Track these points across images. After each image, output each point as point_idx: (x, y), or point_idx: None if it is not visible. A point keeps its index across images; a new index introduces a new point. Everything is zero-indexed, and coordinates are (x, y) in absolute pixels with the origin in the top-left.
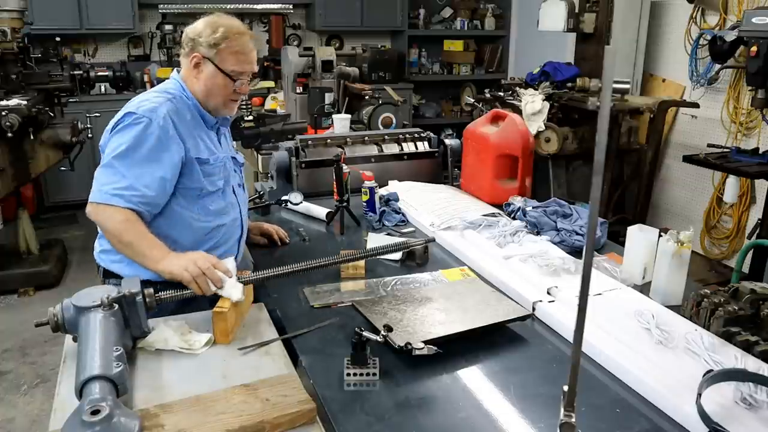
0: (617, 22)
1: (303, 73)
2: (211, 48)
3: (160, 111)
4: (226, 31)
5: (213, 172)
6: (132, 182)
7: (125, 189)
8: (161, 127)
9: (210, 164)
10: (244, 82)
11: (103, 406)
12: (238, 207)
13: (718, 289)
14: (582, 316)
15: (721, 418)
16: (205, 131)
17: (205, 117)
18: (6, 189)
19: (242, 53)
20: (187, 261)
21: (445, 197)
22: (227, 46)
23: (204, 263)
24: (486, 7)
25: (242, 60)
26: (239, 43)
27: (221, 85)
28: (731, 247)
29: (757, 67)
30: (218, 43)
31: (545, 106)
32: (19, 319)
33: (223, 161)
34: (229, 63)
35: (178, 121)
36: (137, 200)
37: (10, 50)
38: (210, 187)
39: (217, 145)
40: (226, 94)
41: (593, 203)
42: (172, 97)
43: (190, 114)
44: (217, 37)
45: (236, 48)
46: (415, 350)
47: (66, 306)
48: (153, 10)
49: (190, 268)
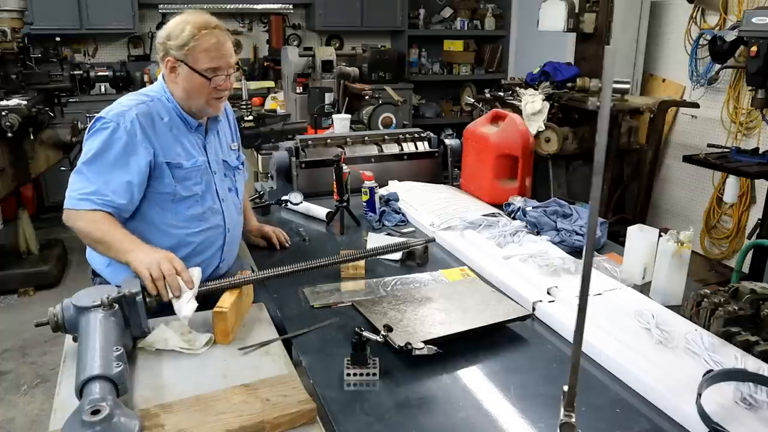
0: (617, 22)
1: (303, 73)
2: (181, 49)
3: (128, 115)
4: (193, 28)
5: (188, 176)
6: (99, 187)
7: (92, 194)
8: (128, 132)
9: (184, 168)
10: (223, 77)
11: (104, 406)
12: (222, 214)
13: (718, 289)
14: (582, 316)
15: (721, 418)
16: (186, 134)
17: (187, 120)
18: (6, 189)
19: (213, 49)
20: (151, 260)
21: (445, 197)
22: (196, 44)
23: (168, 268)
24: (486, 7)
25: (215, 56)
26: (208, 39)
27: (199, 85)
28: (731, 247)
29: (757, 67)
30: (187, 43)
31: (545, 106)
32: (19, 319)
33: (202, 165)
34: (202, 62)
35: (148, 125)
36: (105, 203)
37: (10, 50)
38: (183, 192)
39: (198, 149)
40: (206, 93)
41: (593, 203)
42: (150, 99)
43: (168, 116)
44: (185, 37)
45: (206, 45)
46: (415, 350)
47: (66, 306)
48: (153, 10)
49: (153, 268)
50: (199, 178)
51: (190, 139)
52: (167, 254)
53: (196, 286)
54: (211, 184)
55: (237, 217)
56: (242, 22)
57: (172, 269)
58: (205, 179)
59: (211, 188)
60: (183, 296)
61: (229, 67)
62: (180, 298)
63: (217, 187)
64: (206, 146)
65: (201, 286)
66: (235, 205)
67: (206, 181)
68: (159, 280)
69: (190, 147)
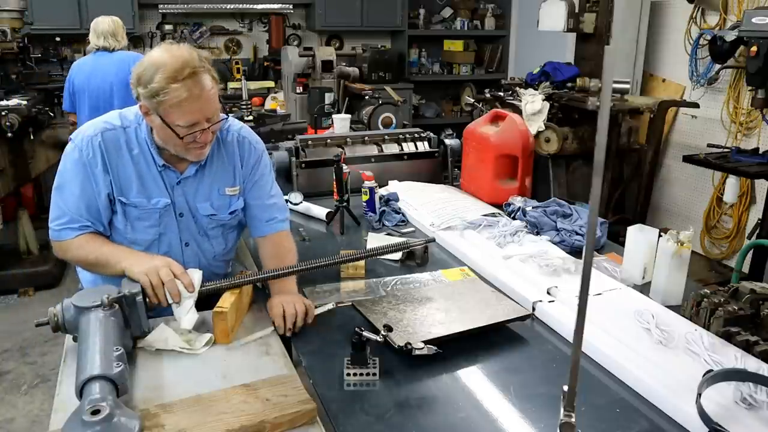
0: (617, 22)
1: (303, 73)
2: (151, 99)
3: (93, 141)
4: (163, 78)
5: (142, 217)
6: (72, 215)
7: (68, 222)
8: (89, 159)
9: (138, 208)
10: (199, 133)
11: (104, 406)
12: (182, 260)
13: (718, 289)
14: (582, 316)
15: (721, 418)
16: (153, 171)
17: (154, 157)
18: (6, 189)
19: (187, 104)
20: (149, 267)
21: (445, 197)
22: (166, 98)
23: (165, 273)
24: (486, 7)
25: (188, 111)
26: (180, 93)
27: (173, 138)
28: (731, 247)
29: (757, 67)
30: (156, 94)
31: (545, 106)
32: (19, 319)
33: (164, 208)
34: (174, 117)
35: (113, 152)
36: (83, 227)
37: (10, 50)
38: (134, 233)
39: (162, 189)
40: (183, 145)
41: (593, 203)
42: (122, 127)
43: (139, 149)
44: (154, 88)
45: (177, 100)
46: (415, 350)
47: (66, 306)
48: (153, 10)
49: (151, 276)
50: (155, 221)
51: (156, 177)
52: (163, 259)
53: (196, 289)
54: (173, 229)
55: (205, 262)
56: (242, 22)
57: (170, 274)
58: (165, 222)
59: (171, 232)
60: (183, 303)
61: (208, 118)
62: (180, 304)
63: (180, 232)
64: (178, 185)
65: (201, 286)
66: (204, 252)
67: (166, 224)
68: (158, 287)
69: (154, 185)
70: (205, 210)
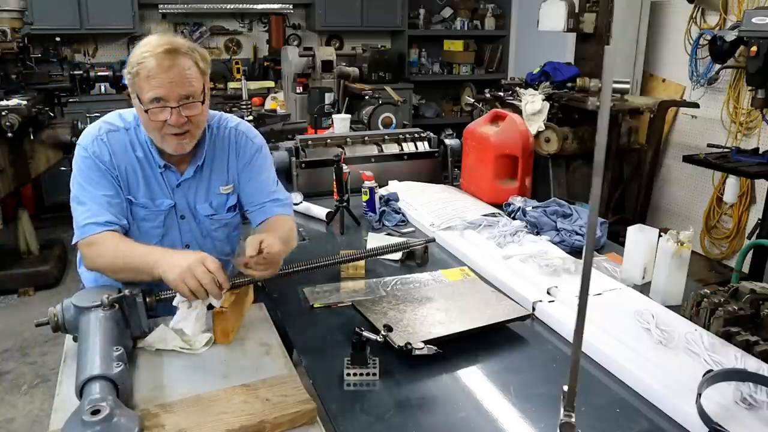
0: (617, 22)
1: (303, 73)
2: (131, 78)
3: (100, 140)
4: (141, 52)
5: (147, 218)
6: (94, 210)
7: (92, 216)
8: (98, 157)
9: (144, 208)
10: (167, 111)
11: (104, 406)
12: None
13: (718, 289)
14: (582, 316)
15: (721, 418)
16: (155, 172)
17: (154, 157)
18: (6, 189)
19: (153, 76)
20: (185, 270)
21: (445, 197)
22: (139, 69)
23: (204, 277)
24: (486, 7)
25: (154, 84)
26: (152, 64)
27: (146, 119)
28: (731, 247)
29: (757, 67)
30: (132, 69)
31: (545, 106)
32: (19, 319)
33: (167, 210)
34: (144, 90)
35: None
36: (107, 221)
37: (10, 50)
38: (138, 234)
39: (165, 191)
40: (157, 128)
41: (593, 203)
42: (124, 128)
43: (142, 150)
44: (132, 62)
45: (148, 72)
46: (415, 350)
47: (66, 306)
48: (153, 10)
49: (189, 281)
50: (159, 222)
51: (158, 179)
52: (197, 256)
53: (226, 287)
54: (174, 230)
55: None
56: (242, 22)
57: (209, 276)
58: (168, 223)
59: (173, 233)
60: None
61: (178, 98)
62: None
63: (181, 233)
64: (178, 187)
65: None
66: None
67: (168, 225)
68: (199, 291)
69: (157, 187)
70: (205, 210)
